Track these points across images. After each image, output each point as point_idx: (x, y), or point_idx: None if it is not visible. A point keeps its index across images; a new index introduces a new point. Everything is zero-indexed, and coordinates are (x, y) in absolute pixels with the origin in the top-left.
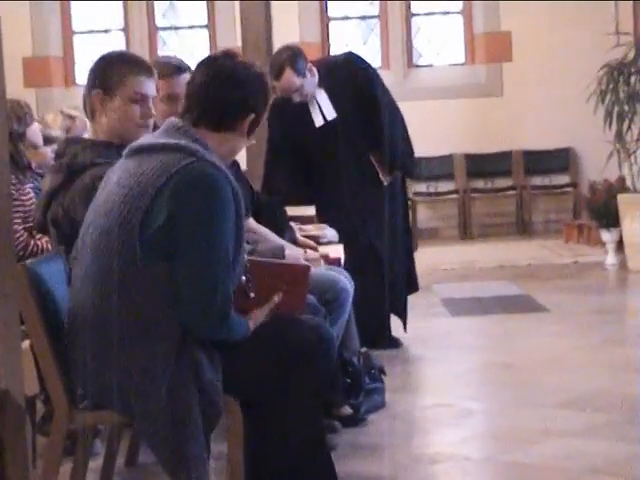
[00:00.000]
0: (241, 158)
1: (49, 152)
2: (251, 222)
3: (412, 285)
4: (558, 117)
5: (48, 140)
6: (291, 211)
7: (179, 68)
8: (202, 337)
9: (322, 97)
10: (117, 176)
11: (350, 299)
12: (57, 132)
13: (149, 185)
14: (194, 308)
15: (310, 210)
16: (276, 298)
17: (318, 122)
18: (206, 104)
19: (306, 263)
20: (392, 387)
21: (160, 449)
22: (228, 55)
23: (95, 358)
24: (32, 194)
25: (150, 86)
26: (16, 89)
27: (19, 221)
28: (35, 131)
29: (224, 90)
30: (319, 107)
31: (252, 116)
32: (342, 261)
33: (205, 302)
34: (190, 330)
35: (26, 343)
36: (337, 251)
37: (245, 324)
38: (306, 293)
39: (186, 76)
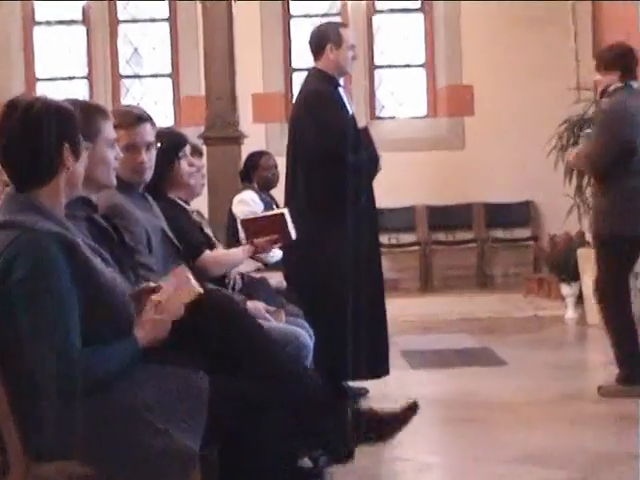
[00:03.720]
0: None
1: None
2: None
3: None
4: (519, 171)
5: None
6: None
7: (140, 117)
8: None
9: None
10: None
11: (310, 355)
12: None
13: None
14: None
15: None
16: (155, 296)
17: (351, 109)
18: (13, 170)
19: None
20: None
21: None
22: (7, 113)
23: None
24: None
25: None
26: None
27: None
28: None
29: (19, 150)
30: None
31: (67, 144)
32: None
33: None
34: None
35: None
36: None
37: (127, 344)
38: (188, 279)
39: (147, 126)
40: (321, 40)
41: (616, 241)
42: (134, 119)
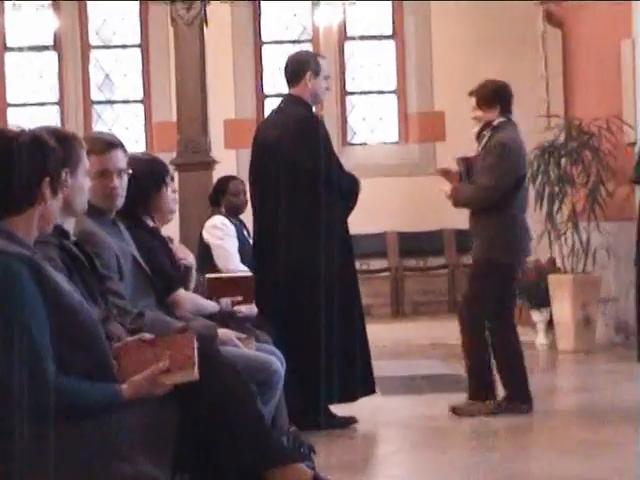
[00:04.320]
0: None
1: None
2: (184, 294)
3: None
4: None
5: None
6: None
7: (111, 144)
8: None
9: None
10: None
11: (281, 381)
12: None
13: None
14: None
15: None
16: (161, 364)
17: None
18: None
19: (186, 328)
20: (322, 466)
21: None
22: None
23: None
24: None
25: None
26: None
27: None
28: None
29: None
30: None
31: (47, 179)
32: None
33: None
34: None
35: None
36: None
37: (107, 389)
38: (192, 354)
39: (118, 152)
40: (301, 67)
41: (500, 267)
42: (105, 145)
